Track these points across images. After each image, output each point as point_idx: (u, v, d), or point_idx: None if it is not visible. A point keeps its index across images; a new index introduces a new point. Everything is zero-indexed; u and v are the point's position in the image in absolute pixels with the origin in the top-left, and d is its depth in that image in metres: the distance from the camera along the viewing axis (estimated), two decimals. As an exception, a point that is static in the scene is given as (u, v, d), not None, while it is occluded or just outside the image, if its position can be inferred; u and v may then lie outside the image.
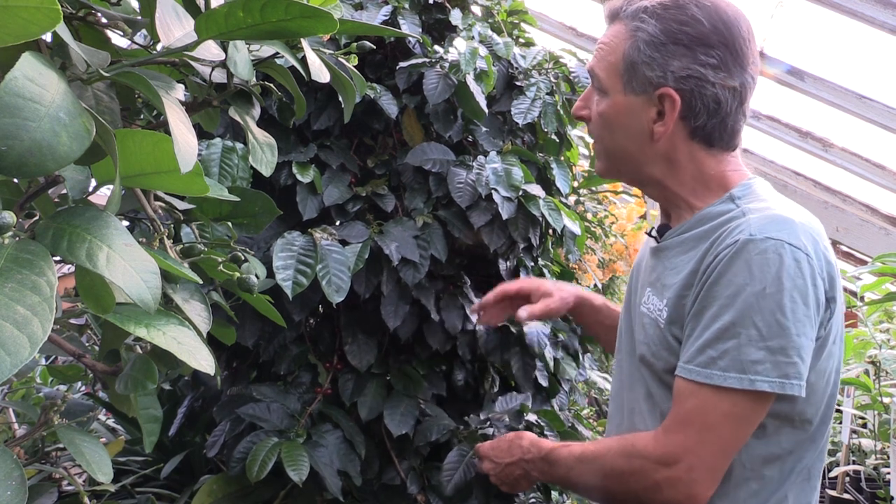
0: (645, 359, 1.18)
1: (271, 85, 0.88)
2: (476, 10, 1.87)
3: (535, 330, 1.67)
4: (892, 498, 3.08)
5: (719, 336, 1.02)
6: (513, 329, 1.68)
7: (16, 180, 0.65)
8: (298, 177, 1.43)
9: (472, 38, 1.66)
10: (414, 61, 1.54)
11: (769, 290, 0.99)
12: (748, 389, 0.99)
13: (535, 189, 1.54)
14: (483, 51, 1.57)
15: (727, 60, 1.09)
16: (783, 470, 1.09)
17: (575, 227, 1.62)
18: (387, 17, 1.56)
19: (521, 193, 1.51)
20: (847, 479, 4.14)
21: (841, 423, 4.12)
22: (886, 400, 3.35)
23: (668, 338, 1.13)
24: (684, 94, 1.10)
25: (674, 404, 1.09)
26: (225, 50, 0.74)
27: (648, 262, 1.25)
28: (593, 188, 3.12)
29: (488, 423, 1.58)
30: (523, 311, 1.40)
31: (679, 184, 1.18)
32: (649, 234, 1.27)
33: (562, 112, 1.72)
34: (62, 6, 0.50)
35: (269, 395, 1.45)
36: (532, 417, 1.62)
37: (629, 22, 1.12)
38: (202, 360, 0.65)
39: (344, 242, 1.40)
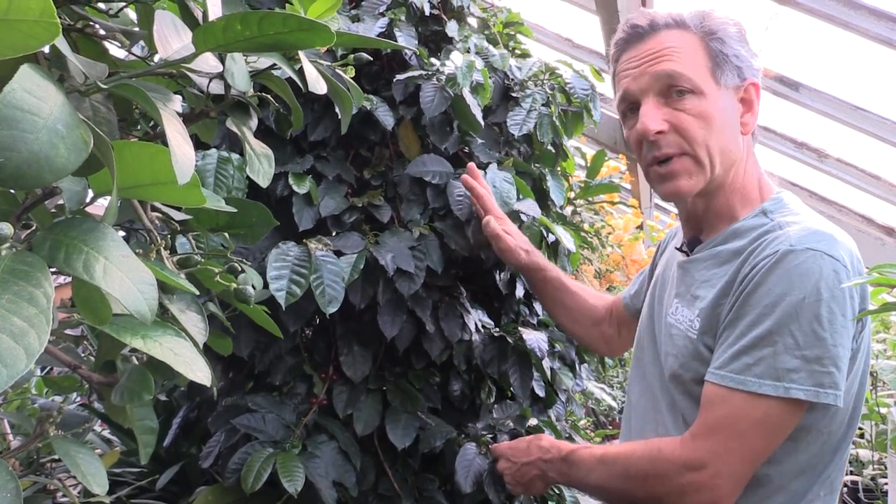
0: (674, 370, 1.18)
1: (268, 96, 0.89)
2: (472, 21, 1.87)
3: (535, 339, 1.67)
4: (889, 509, 3.07)
5: (756, 344, 1.02)
6: (509, 339, 1.68)
7: (13, 191, 0.65)
8: (295, 187, 1.43)
9: (469, 49, 1.67)
10: (410, 73, 1.54)
11: (808, 300, 0.99)
12: (782, 397, 0.99)
13: (529, 206, 1.55)
14: (479, 63, 1.58)
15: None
16: (809, 482, 1.09)
17: (570, 243, 1.63)
18: (383, 30, 1.56)
19: (514, 208, 1.52)
20: (844, 489, 4.14)
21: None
22: (883, 410, 3.35)
23: (700, 348, 1.13)
24: (756, 83, 1.19)
25: (702, 409, 1.08)
26: (222, 62, 0.74)
27: (676, 275, 1.26)
28: (590, 198, 3.13)
29: (489, 431, 1.58)
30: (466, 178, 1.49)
31: (732, 190, 1.20)
32: (679, 249, 1.28)
33: (557, 123, 1.72)
34: (60, 18, 0.51)
35: (264, 405, 1.45)
36: (533, 422, 1.63)
37: (697, 30, 1.18)
38: (198, 371, 0.64)
39: (339, 253, 1.40)
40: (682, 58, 1.15)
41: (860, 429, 4.13)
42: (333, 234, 1.47)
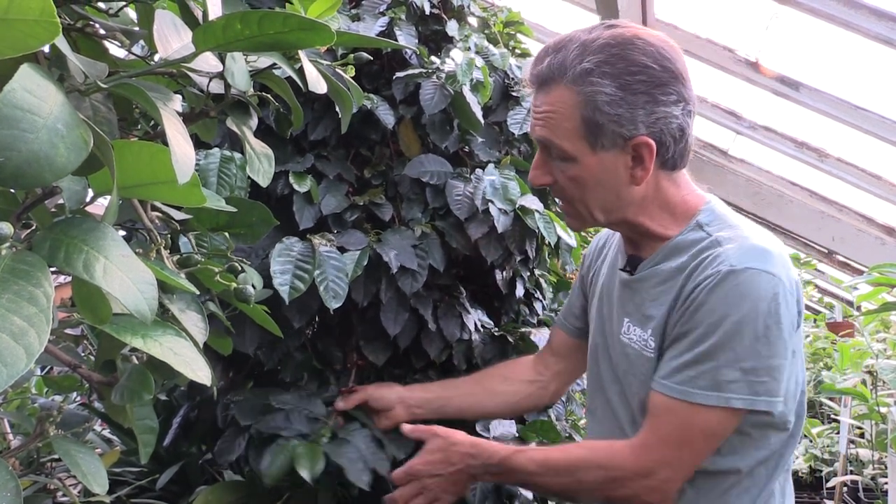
0: (640, 396, 1.22)
1: (269, 95, 0.89)
2: (472, 21, 1.87)
3: (536, 338, 1.68)
4: (889, 508, 3.07)
5: (699, 359, 1.10)
6: (510, 339, 1.68)
7: (13, 191, 0.65)
8: (295, 186, 1.43)
9: (469, 49, 1.67)
10: (410, 72, 1.54)
11: (747, 318, 1.07)
12: (723, 406, 1.09)
13: (532, 201, 1.55)
14: (479, 61, 1.58)
15: (681, 91, 1.14)
16: (771, 467, 1.18)
17: (571, 239, 1.62)
18: (383, 29, 1.56)
19: (517, 206, 1.52)
20: (845, 489, 4.14)
21: (838, 433, 4.11)
22: (884, 410, 3.35)
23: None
24: (655, 135, 1.14)
25: (650, 417, 1.17)
26: (222, 61, 0.74)
27: (620, 293, 1.29)
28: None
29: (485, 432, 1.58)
30: (340, 402, 1.45)
31: (649, 217, 1.22)
32: (622, 270, 1.30)
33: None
34: (60, 17, 0.51)
35: (290, 402, 1.44)
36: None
37: (576, 87, 1.12)
38: (198, 371, 0.64)
39: (342, 249, 1.40)
40: (557, 125, 1.15)
41: (860, 428, 4.13)
42: (335, 232, 1.47)
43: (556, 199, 1.28)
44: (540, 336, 1.69)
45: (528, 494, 1.57)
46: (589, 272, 1.46)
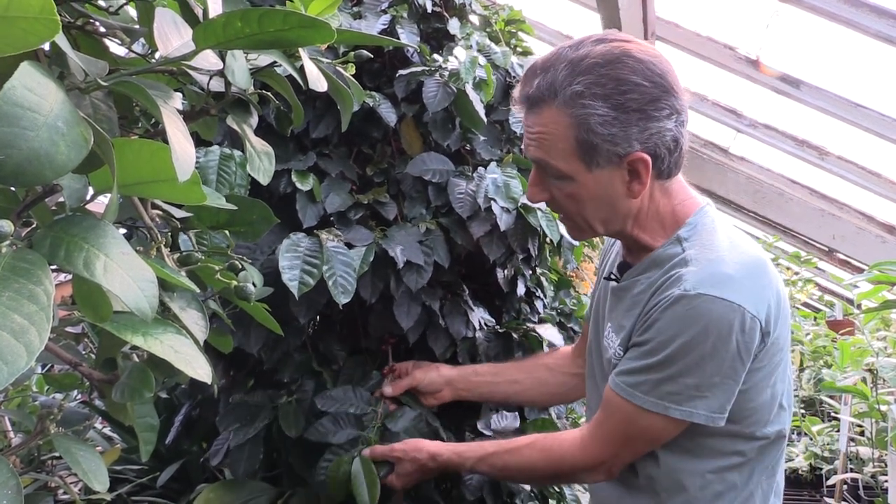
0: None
1: (269, 94, 0.88)
2: (474, 19, 1.87)
3: (550, 333, 1.68)
4: (889, 506, 3.07)
5: (646, 370, 1.16)
6: (514, 335, 1.68)
7: (13, 189, 0.65)
8: (298, 185, 1.43)
9: (471, 47, 1.67)
10: (413, 69, 1.54)
11: (695, 340, 1.10)
12: (662, 414, 1.15)
13: (534, 197, 1.54)
14: (482, 59, 1.58)
15: (673, 104, 1.14)
16: (746, 471, 1.22)
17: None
18: (385, 27, 1.56)
19: (519, 205, 1.52)
20: (845, 487, 4.14)
21: (839, 431, 4.11)
22: (884, 408, 3.34)
23: None
24: (650, 149, 1.14)
25: (602, 409, 1.25)
26: (223, 59, 0.74)
27: (609, 297, 1.32)
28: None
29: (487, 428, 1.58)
30: (388, 387, 1.51)
31: (642, 229, 1.24)
32: (607, 279, 1.34)
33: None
34: (60, 15, 0.50)
35: (338, 397, 1.46)
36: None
37: (567, 109, 1.12)
38: (199, 369, 0.64)
39: (349, 245, 1.40)
40: (551, 146, 1.16)
41: (860, 426, 4.13)
42: (339, 230, 1.46)
43: (556, 213, 1.31)
44: (545, 331, 1.69)
45: (528, 488, 1.59)
46: (603, 263, 1.48)
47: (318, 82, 0.83)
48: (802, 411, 5.48)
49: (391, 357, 1.59)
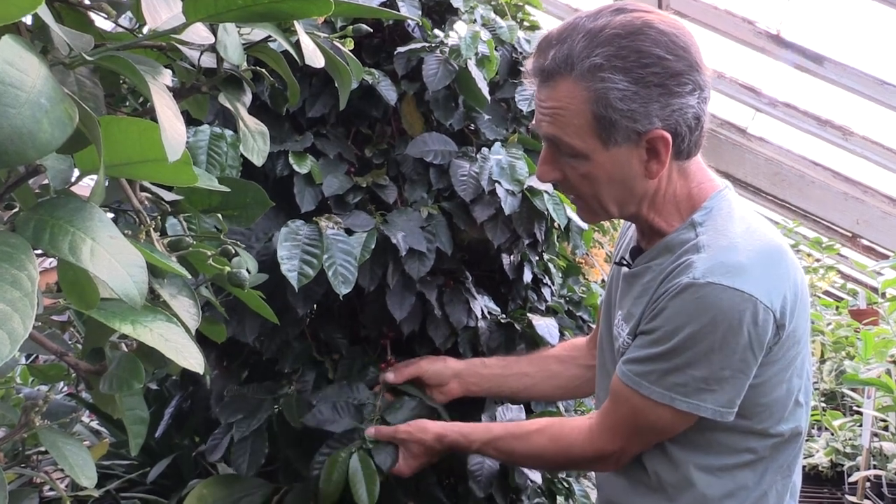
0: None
1: (263, 70, 0.88)
2: (478, -9, 1.86)
3: (545, 324, 1.67)
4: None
5: (653, 359, 1.16)
6: (517, 326, 1.68)
7: (-5, 170, 0.65)
8: (295, 167, 1.43)
9: (475, 21, 1.66)
10: (413, 46, 1.53)
11: (704, 330, 1.11)
12: (669, 405, 1.15)
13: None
14: (485, 34, 1.57)
15: (697, 79, 1.13)
16: (759, 470, 1.22)
17: (582, 220, 1.62)
18: (385, -1, 1.55)
19: (525, 187, 1.51)
20: (867, 484, 4.15)
21: (861, 425, 4.12)
22: (908, 402, 3.35)
23: None
24: (670, 127, 1.14)
25: (610, 399, 1.26)
26: (214, 33, 0.73)
27: (621, 284, 1.33)
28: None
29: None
30: (390, 374, 1.51)
31: (657, 211, 1.24)
32: (618, 263, 1.35)
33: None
34: (43, -14, 0.50)
35: (331, 395, 1.46)
36: None
37: (584, 82, 1.11)
38: (191, 359, 0.65)
39: (348, 231, 1.40)
40: (566, 122, 1.15)
41: (884, 421, 4.13)
42: (337, 215, 1.46)
43: (567, 194, 1.31)
44: (543, 325, 1.68)
45: (537, 477, 1.59)
46: (618, 246, 1.48)
47: (315, 58, 0.83)
48: (823, 405, 5.48)
49: (390, 351, 1.59)
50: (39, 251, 0.55)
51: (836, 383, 5.44)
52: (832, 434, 4.99)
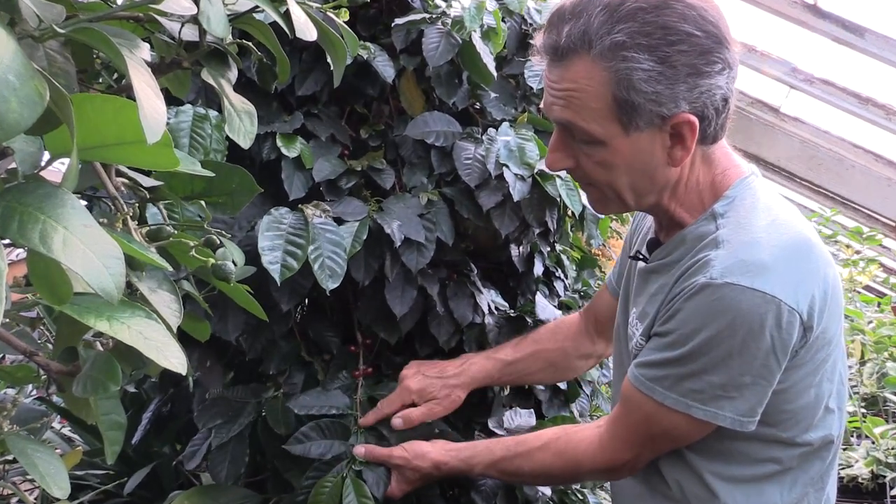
0: None
1: (250, 44, 0.88)
2: (485, -43, 1.86)
3: (551, 312, 1.68)
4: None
5: (669, 362, 1.17)
6: (528, 319, 1.68)
7: (-42, 153, 0.65)
8: (283, 150, 1.43)
9: (481, -11, 1.66)
10: (412, 17, 1.53)
11: (722, 334, 1.10)
12: (684, 413, 1.15)
13: (553, 164, 1.54)
14: (491, 4, 1.57)
15: (726, 57, 1.12)
16: (787, 482, 1.23)
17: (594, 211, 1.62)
18: (382, -35, 1.55)
19: (535, 171, 1.51)
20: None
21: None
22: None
23: None
24: (698, 110, 1.13)
25: (621, 404, 1.27)
26: (197, 3, 0.74)
27: (636, 278, 1.33)
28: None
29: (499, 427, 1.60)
30: (398, 420, 1.48)
31: (679, 202, 1.24)
32: (633, 258, 1.36)
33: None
34: (10, -47, 0.51)
35: (308, 403, 1.46)
36: None
37: (605, 62, 1.10)
38: (172, 358, 0.65)
39: (339, 220, 1.40)
40: (582, 105, 1.13)
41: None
42: (328, 201, 1.46)
43: (580, 183, 1.31)
44: (550, 310, 1.71)
45: (546, 489, 1.61)
46: (634, 235, 1.48)
47: (306, 30, 0.83)
48: (863, 411, 5.47)
49: (362, 359, 1.58)
50: (7, 241, 0.55)
51: (877, 387, 5.43)
52: (873, 442, 4.98)
